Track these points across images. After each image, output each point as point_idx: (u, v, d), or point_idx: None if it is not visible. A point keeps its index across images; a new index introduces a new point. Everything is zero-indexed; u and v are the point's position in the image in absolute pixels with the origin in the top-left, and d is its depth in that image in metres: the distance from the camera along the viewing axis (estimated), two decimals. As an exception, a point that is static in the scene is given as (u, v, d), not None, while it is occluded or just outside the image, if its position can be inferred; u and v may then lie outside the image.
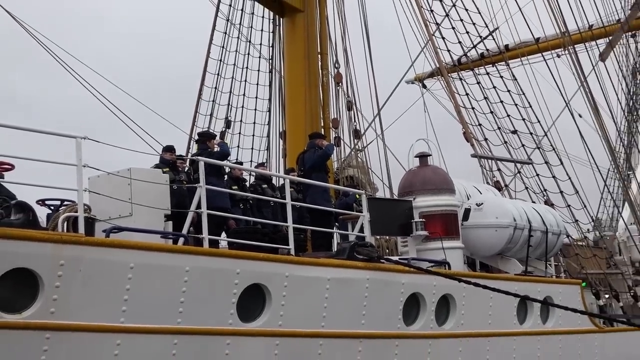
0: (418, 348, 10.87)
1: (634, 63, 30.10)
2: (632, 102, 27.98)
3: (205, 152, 11.24)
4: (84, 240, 8.15)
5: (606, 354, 13.49)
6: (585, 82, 19.15)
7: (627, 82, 28.49)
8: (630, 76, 29.27)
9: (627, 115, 26.56)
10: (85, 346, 8.05)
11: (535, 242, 13.88)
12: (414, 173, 13.42)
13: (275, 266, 9.58)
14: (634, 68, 29.99)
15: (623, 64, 28.86)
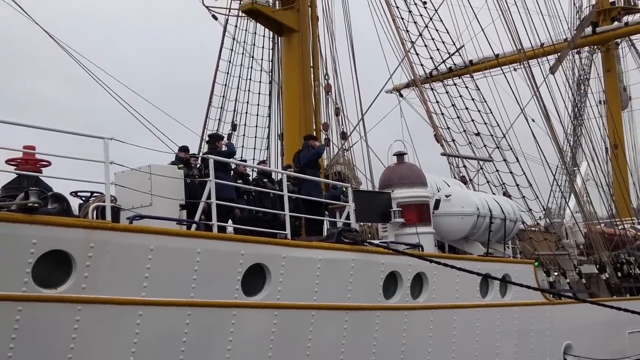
0: (396, 318, 10.89)
1: (579, 75, 30.19)
2: (577, 109, 28.03)
3: (215, 151, 11.21)
4: (111, 226, 8.15)
5: (555, 323, 13.54)
6: (537, 92, 19.19)
7: (573, 92, 28.53)
8: (575, 87, 29.34)
9: (572, 120, 26.64)
10: (111, 316, 8.05)
11: (495, 228, 13.92)
12: (392, 169, 13.44)
13: (274, 248, 9.59)
14: (579, 80, 30.08)
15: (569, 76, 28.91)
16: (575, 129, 26.79)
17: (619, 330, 15.06)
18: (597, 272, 17.68)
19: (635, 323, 14.87)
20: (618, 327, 14.86)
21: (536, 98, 19.08)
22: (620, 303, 15.07)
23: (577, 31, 28.13)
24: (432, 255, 11.66)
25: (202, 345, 8.74)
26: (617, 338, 15.09)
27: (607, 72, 31.18)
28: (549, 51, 23.71)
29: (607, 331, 14.67)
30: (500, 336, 12.44)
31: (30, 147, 8.80)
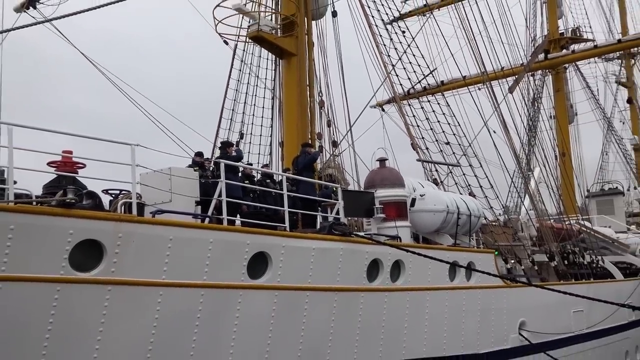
0: (377, 298, 10.91)
1: (533, 94, 30.32)
2: (531, 122, 28.15)
3: (225, 156, 11.18)
4: (136, 219, 8.15)
5: (511, 303, 13.58)
6: (498, 108, 19.25)
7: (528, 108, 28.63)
8: (530, 104, 29.45)
9: (527, 132, 26.73)
10: (136, 296, 8.05)
11: (462, 223, 13.93)
12: (375, 172, 13.44)
13: (275, 239, 9.58)
14: (533, 98, 30.20)
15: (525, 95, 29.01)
16: (529, 139, 26.90)
17: (564, 309, 15.13)
18: (547, 261, 17.75)
19: (578, 303, 14.93)
20: (564, 306, 14.93)
21: (497, 113, 19.14)
22: (565, 287, 15.15)
23: (531, 57, 28.22)
24: (408, 245, 11.68)
25: (214, 321, 8.73)
26: (563, 316, 15.15)
27: (556, 91, 31.32)
28: (508, 74, 23.78)
29: (555, 310, 14.73)
30: (465, 314, 12.48)
31: (68, 152, 8.87)
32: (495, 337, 13.04)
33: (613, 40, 32.27)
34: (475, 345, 12.57)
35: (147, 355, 8.10)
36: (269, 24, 15.95)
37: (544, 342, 14.03)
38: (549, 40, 30.90)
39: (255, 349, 9.23)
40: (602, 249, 22.16)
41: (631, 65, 40.86)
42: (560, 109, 30.85)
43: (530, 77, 30.26)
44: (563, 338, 14.88)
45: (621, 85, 40.66)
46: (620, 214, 31.93)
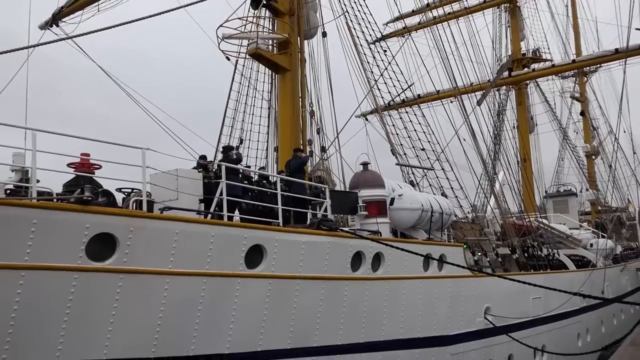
0: (360, 286, 10.89)
1: (498, 107, 30.50)
2: (496, 132, 28.26)
3: (227, 159, 11.15)
4: (146, 215, 8.10)
5: (478, 291, 13.61)
6: (467, 119, 19.32)
7: (494, 119, 28.77)
8: (495, 115, 29.61)
9: (493, 140, 26.84)
10: (146, 283, 7.98)
11: (435, 220, 13.95)
12: (359, 175, 13.42)
13: (270, 233, 9.53)
14: (498, 110, 30.39)
15: (491, 107, 29.18)
16: (495, 146, 27.01)
17: (524, 296, 15.17)
18: (509, 253, 17.78)
19: (536, 291, 15.00)
20: (524, 294, 14.97)
21: (466, 123, 19.21)
22: (525, 277, 15.23)
23: (497, 74, 28.34)
24: (387, 240, 11.67)
25: (214, 306, 8.68)
26: (523, 302, 15.20)
27: (518, 105, 31.43)
28: (477, 89, 23.88)
29: (516, 297, 14.76)
30: (437, 301, 12.49)
31: (86, 155, 8.79)
32: (463, 320, 13.06)
33: (568, 61, 32.47)
34: (445, 328, 12.58)
35: (155, 337, 8.06)
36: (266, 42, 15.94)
37: (506, 325, 14.06)
38: (513, 59, 31.08)
39: (251, 331, 9.19)
40: (558, 243, 22.32)
41: (584, 82, 41.14)
42: (521, 120, 31.00)
43: (496, 92, 30.43)
44: (523, 322, 14.90)
45: (575, 99, 40.95)
46: (573, 213, 32.14)
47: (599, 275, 20.08)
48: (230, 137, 17.29)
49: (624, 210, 37.15)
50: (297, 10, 16.61)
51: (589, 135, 41.21)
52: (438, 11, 22.01)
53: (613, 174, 34.96)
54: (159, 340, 8.06)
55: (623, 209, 37.25)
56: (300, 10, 16.85)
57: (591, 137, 41.15)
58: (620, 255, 27.38)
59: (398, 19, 26.84)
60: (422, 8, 22.33)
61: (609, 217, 32.36)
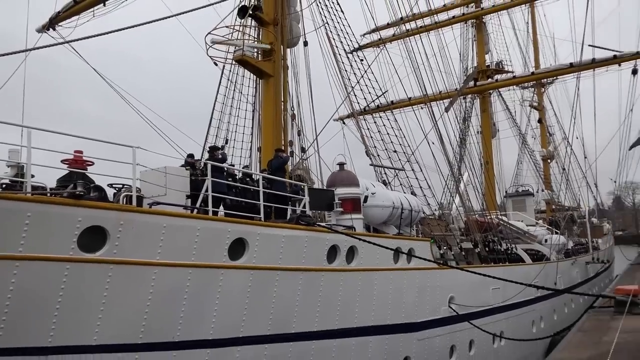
0: (335, 277, 10.88)
1: (464, 114, 30.73)
2: (462, 136, 28.51)
3: (213, 158, 11.03)
4: (136, 209, 7.98)
5: (443, 281, 13.67)
6: (436, 124, 19.39)
7: (460, 125, 29.01)
8: (461, 121, 29.84)
9: (459, 144, 27.09)
10: (134, 273, 7.86)
11: (405, 216, 14.02)
12: (335, 174, 13.42)
13: (252, 227, 9.47)
14: (464, 117, 30.60)
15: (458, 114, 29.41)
16: (460, 150, 27.25)
17: (485, 287, 15.30)
18: (472, 247, 17.95)
19: (496, 282, 15.16)
20: (485, 285, 15.11)
21: (435, 128, 19.29)
22: (485, 269, 15.39)
23: (464, 84, 28.59)
24: (360, 234, 11.69)
25: (199, 295, 8.59)
26: (484, 292, 15.33)
27: (483, 112, 31.73)
28: (445, 96, 24.02)
29: (477, 288, 14.87)
30: (406, 290, 12.53)
31: (79, 152, 8.63)
32: (429, 309, 13.14)
33: (528, 72, 33.02)
34: (413, 316, 12.65)
35: (143, 324, 7.95)
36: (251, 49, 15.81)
37: (468, 313, 14.18)
38: (478, 70, 31.35)
39: (233, 319, 9.12)
40: (516, 239, 22.60)
41: (542, 92, 41.77)
42: (485, 126, 31.31)
43: (462, 100, 30.67)
44: (483, 310, 15.02)
45: (533, 108, 41.60)
46: (530, 211, 32.67)
47: (552, 268, 20.39)
48: (217, 137, 17.15)
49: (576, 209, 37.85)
50: (280, 21, 16.51)
51: (546, 141, 41.88)
52: (411, 24, 22.04)
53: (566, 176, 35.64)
54: (146, 327, 7.96)
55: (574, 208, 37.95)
56: (284, 21, 16.77)
57: (547, 142, 41.82)
58: (571, 250, 27.87)
59: (374, 31, 26.95)
60: (396, 21, 22.37)
61: (562, 215, 32.92)
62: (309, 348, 10.28)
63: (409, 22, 21.77)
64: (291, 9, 17.29)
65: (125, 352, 7.79)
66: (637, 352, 9.51)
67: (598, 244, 34.26)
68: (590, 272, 28.32)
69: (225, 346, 8.97)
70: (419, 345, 12.71)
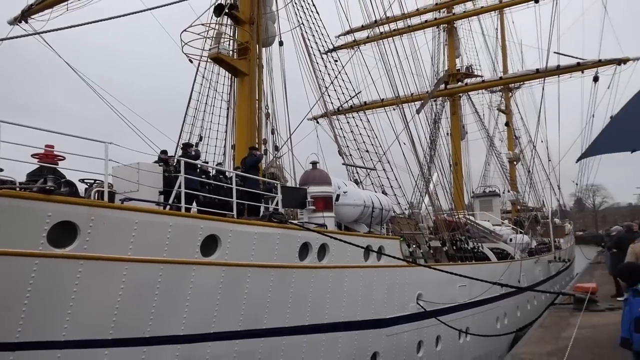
0: (306, 274, 10.90)
1: (434, 116, 31.10)
2: (432, 137, 28.85)
3: (186, 155, 10.91)
4: (107, 205, 7.84)
5: (411, 279, 13.79)
6: (407, 125, 19.60)
7: (430, 127, 29.37)
8: (432, 123, 30.21)
9: (429, 145, 27.38)
10: (105, 269, 7.73)
11: (376, 215, 14.10)
12: (308, 173, 13.42)
13: (224, 224, 9.40)
14: (434, 119, 30.98)
15: (429, 116, 29.82)
16: (430, 151, 27.56)
17: (452, 284, 15.49)
18: (440, 246, 18.16)
19: (462, 280, 15.37)
20: (452, 282, 15.28)
21: (406, 129, 19.50)
22: (453, 267, 15.63)
23: (435, 86, 28.93)
24: (332, 232, 11.73)
25: (170, 292, 8.50)
26: (451, 289, 15.53)
27: (452, 114, 32.13)
28: (416, 99, 24.28)
29: (444, 285, 15.04)
30: (375, 288, 12.63)
31: (50, 146, 8.46)
32: (398, 305, 13.27)
33: (496, 77, 33.60)
34: (382, 312, 12.75)
35: (113, 319, 7.82)
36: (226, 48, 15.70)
37: (435, 310, 14.35)
38: (449, 74, 31.74)
39: (204, 315, 9.05)
40: (482, 238, 22.96)
41: (509, 96, 42.59)
42: (454, 128, 31.74)
43: (433, 102, 31.01)
44: (450, 306, 15.24)
45: (501, 112, 42.42)
46: (496, 211, 33.27)
47: (516, 266, 20.80)
48: (191, 134, 16.97)
49: (539, 210, 38.71)
50: (256, 20, 16.44)
51: (512, 144, 42.71)
52: (384, 27, 22.21)
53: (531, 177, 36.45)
54: (116, 323, 7.84)
55: (538, 208, 38.81)
56: (260, 20, 16.69)
57: (514, 145, 42.65)
58: (534, 249, 28.46)
59: (348, 33, 27.07)
60: (370, 24, 22.53)
61: (526, 215, 33.63)
62: (279, 344, 10.28)
63: (383, 25, 21.93)
64: (267, 9, 17.23)
65: (94, 347, 7.66)
66: (594, 347, 9.79)
67: (560, 244, 35.11)
68: (552, 270, 28.98)
69: (196, 342, 8.90)
70: (388, 340, 12.83)
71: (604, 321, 11.83)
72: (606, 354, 9.15)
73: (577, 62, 26.32)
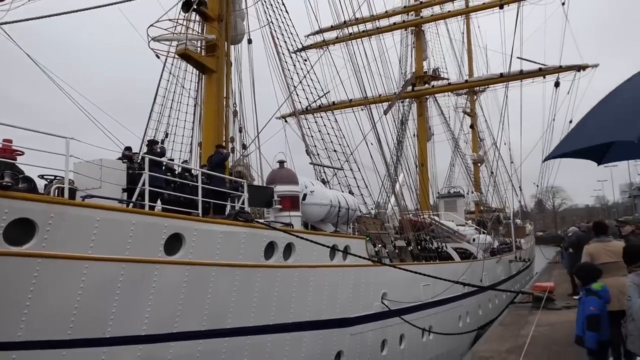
0: (272, 273, 10.85)
1: (401, 117, 31.40)
2: (399, 138, 29.12)
3: (152, 152, 10.73)
4: (67, 202, 7.62)
5: (377, 278, 13.89)
6: (374, 126, 19.75)
7: (397, 128, 29.65)
8: (399, 124, 30.49)
9: (396, 146, 27.62)
10: (64, 268, 7.51)
11: (342, 214, 14.15)
12: (275, 171, 13.37)
13: (189, 223, 9.28)
14: (401, 120, 31.28)
15: (396, 117, 30.10)
16: (397, 151, 27.81)
17: (416, 283, 15.62)
18: (405, 246, 18.36)
19: (426, 279, 15.50)
20: (416, 281, 15.39)
21: (374, 130, 19.65)
22: (417, 267, 15.83)
23: (402, 88, 29.24)
24: (298, 231, 11.71)
25: (132, 291, 8.33)
26: (415, 289, 15.67)
27: (419, 116, 32.49)
28: (384, 100, 24.48)
29: (409, 284, 15.17)
30: (341, 287, 12.67)
31: (8, 141, 8.16)
32: (363, 304, 13.35)
33: (462, 80, 34.25)
34: (347, 311, 12.81)
35: (72, 319, 7.62)
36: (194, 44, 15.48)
37: (400, 309, 14.49)
38: (416, 76, 32.09)
39: (167, 314, 8.90)
40: (446, 238, 23.37)
41: (474, 99, 43.43)
42: (421, 129, 32.13)
43: (400, 104, 31.33)
44: (414, 305, 15.37)
45: (466, 114, 43.20)
46: (460, 212, 33.81)
47: (479, 266, 21.19)
48: (157, 130, 16.65)
49: (502, 210, 39.61)
50: (225, 17, 16.26)
51: (476, 146, 43.58)
52: (353, 28, 22.32)
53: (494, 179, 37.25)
54: (75, 323, 7.63)
55: (501, 209, 39.71)
56: (229, 17, 16.53)
57: (478, 147, 43.53)
58: (496, 249, 29.10)
59: (318, 33, 27.05)
60: (340, 25, 22.58)
61: (489, 216, 34.34)
62: (243, 343, 10.21)
63: (352, 26, 22.03)
64: (236, 6, 17.08)
65: (52, 349, 7.44)
66: (551, 344, 10.08)
67: (521, 244, 36.02)
68: (513, 270, 29.69)
69: (159, 342, 8.75)
70: (352, 339, 12.90)
71: (560, 319, 12.20)
72: (562, 351, 9.44)
73: (539, 67, 27.04)
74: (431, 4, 31.64)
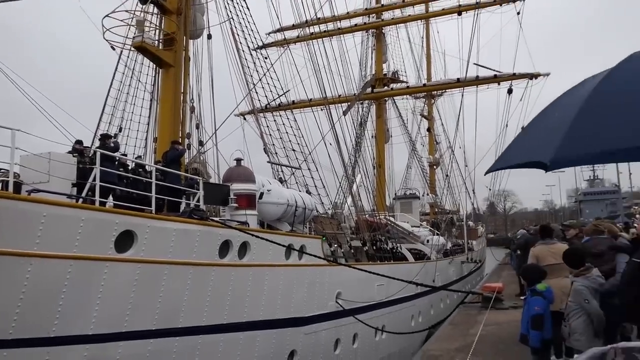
0: (226, 272, 10.75)
1: (360, 118, 31.68)
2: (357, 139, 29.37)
3: (104, 146, 10.43)
4: (12, 196, 7.32)
5: (332, 278, 13.92)
6: (333, 126, 19.84)
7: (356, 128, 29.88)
8: (358, 125, 30.75)
9: (354, 147, 27.83)
10: (7, 265, 7.22)
11: (299, 214, 14.16)
12: (232, 169, 13.26)
13: (142, 220, 9.08)
14: (360, 121, 31.55)
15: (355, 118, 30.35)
16: (355, 152, 28.03)
17: (370, 283, 15.76)
18: (361, 246, 18.52)
19: (380, 279, 15.70)
20: (370, 281, 15.53)
21: (333, 130, 19.73)
22: (371, 267, 16.00)
23: (362, 89, 29.54)
24: (253, 230, 11.64)
25: (79, 290, 8.07)
26: (369, 288, 15.82)
27: (378, 117, 32.93)
28: (343, 100, 24.64)
29: (363, 284, 15.29)
30: (296, 286, 12.67)
31: (-53, 131, 7.74)
32: (318, 304, 13.39)
33: (420, 84, 34.87)
34: (302, 310, 12.82)
35: (14, 318, 7.32)
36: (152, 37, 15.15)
37: (354, 308, 14.59)
38: (375, 78, 32.47)
39: (117, 313, 8.68)
40: (401, 239, 23.69)
41: (432, 103, 44.31)
42: (379, 131, 32.55)
43: (360, 105, 31.62)
44: (368, 305, 15.50)
45: (424, 117, 44.04)
46: (416, 213, 34.41)
47: (432, 266, 21.65)
48: (110, 124, 16.22)
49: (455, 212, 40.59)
50: (184, 10, 15.99)
51: (433, 148, 44.50)
52: (315, 28, 22.38)
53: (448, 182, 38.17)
54: (17, 322, 7.34)
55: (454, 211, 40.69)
56: (188, 11, 16.26)
57: (434, 150, 44.44)
58: (449, 250, 29.78)
59: (279, 31, 26.97)
60: (301, 23, 22.59)
61: (443, 218, 35.14)
62: (195, 343, 10.07)
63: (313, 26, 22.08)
64: (196, 0, 16.82)
65: (-9, 349, 7.14)
66: (498, 343, 10.42)
67: (473, 245, 37.00)
68: (464, 270, 30.47)
69: (107, 341, 8.53)
70: (306, 338, 12.93)
71: (507, 319, 12.63)
72: (508, 349, 9.78)
73: (494, 74, 27.87)
74: (392, 7, 32.11)
